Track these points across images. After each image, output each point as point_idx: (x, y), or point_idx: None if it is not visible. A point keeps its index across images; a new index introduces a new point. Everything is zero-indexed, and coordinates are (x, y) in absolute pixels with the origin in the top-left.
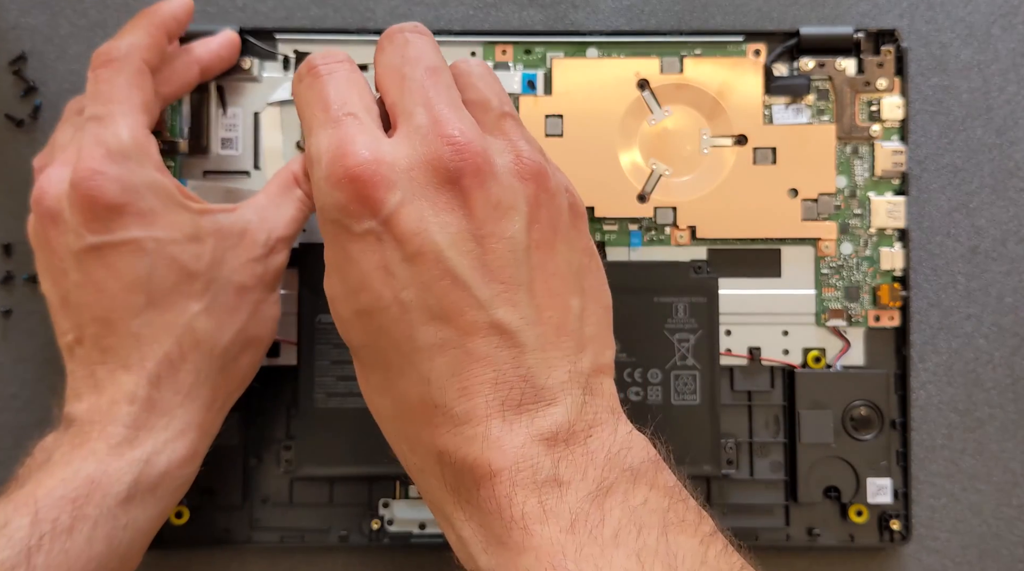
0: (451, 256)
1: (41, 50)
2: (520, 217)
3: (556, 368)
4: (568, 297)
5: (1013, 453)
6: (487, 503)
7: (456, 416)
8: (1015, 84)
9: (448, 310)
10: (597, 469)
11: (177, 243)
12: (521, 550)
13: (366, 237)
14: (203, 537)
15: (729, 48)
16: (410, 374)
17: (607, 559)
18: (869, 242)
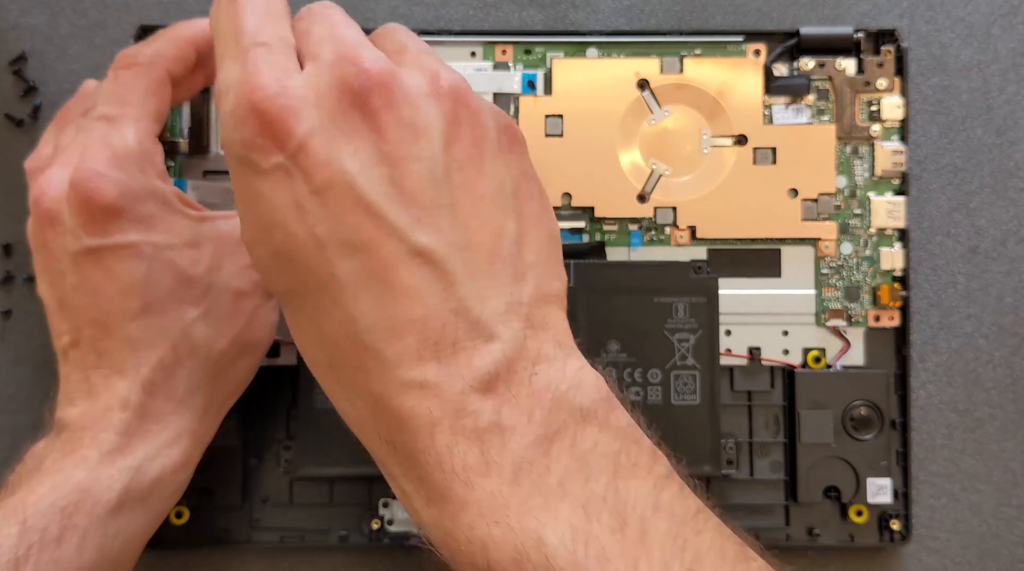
0: (362, 183)
1: (41, 50)
2: (437, 135)
3: (491, 298)
4: (501, 221)
5: (1013, 453)
6: (426, 455)
7: (388, 359)
8: (1015, 84)
9: (366, 241)
10: (543, 411)
11: (174, 248)
12: (463, 505)
13: (274, 173)
14: (203, 537)
15: (729, 48)
16: (336, 314)
17: (552, 511)
18: (869, 242)
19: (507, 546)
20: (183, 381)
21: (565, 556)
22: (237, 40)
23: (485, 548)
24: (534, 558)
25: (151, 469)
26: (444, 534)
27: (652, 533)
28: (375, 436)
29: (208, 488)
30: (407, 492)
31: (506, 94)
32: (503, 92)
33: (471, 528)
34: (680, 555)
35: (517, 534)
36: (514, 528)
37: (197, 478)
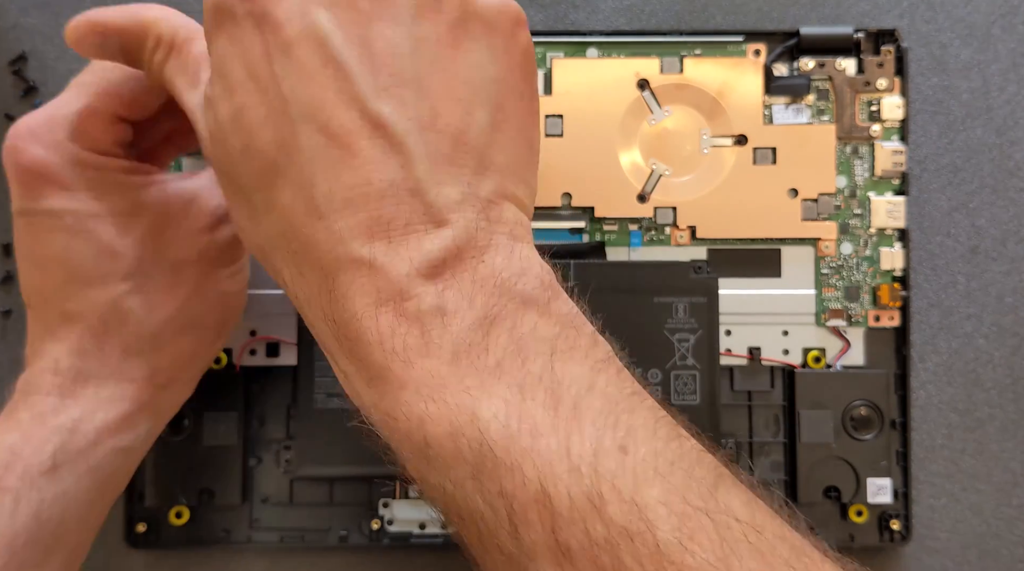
0: (335, 42)
1: (41, 50)
2: (413, 3)
3: (448, 185)
4: (473, 107)
5: (1013, 453)
6: (368, 334)
7: (340, 231)
8: (1015, 84)
9: (330, 103)
10: (485, 296)
11: (101, 219)
12: (402, 383)
13: (245, 21)
14: (203, 537)
15: (729, 48)
16: (294, 179)
17: (487, 389)
18: (869, 242)
19: (443, 421)
20: (115, 348)
21: (498, 430)
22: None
23: (422, 424)
24: (468, 432)
25: (86, 429)
26: (383, 413)
27: (586, 410)
28: (320, 314)
29: (208, 488)
30: (348, 373)
31: None
32: None
33: (409, 405)
34: (612, 431)
35: (453, 410)
36: (450, 404)
37: (197, 478)
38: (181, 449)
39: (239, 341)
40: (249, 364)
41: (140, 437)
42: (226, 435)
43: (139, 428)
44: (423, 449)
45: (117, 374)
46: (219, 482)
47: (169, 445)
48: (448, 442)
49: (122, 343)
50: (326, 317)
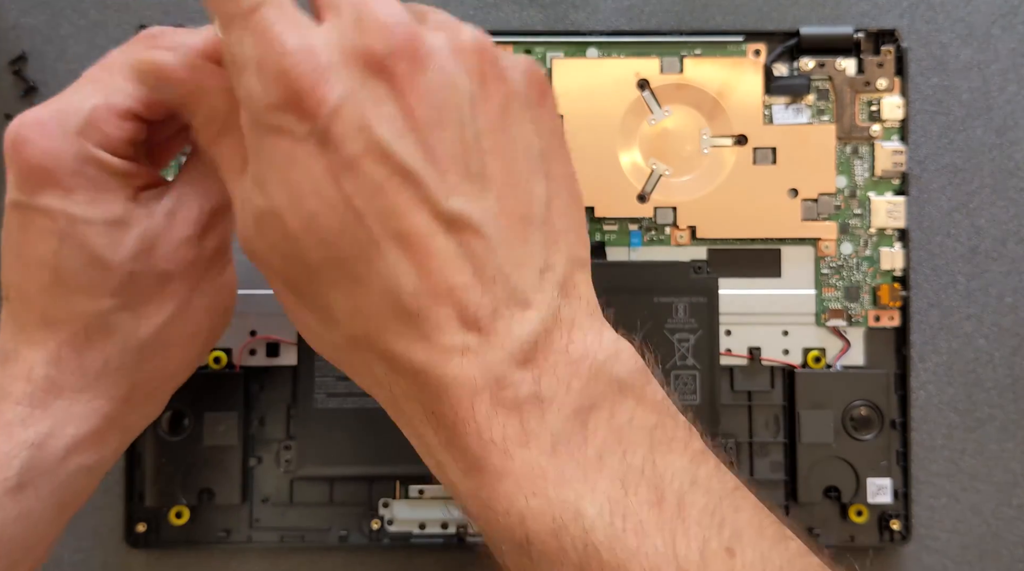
0: (398, 150)
1: (41, 50)
2: (467, 99)
3: (527, 266)
4: (531, 184)
5: (1013, 453)
6: (465, 425)
7: (432, 326)
8: (1015, 84)
9: (404, 210)
10: (581, 382)
11: (93, 226)
12: (500, 475)
13: (308, 141)
14: (203, 537)
15: (729, 48)
16: (377, 283)
17: (590, 484)
18: (869, 242)
19: (545, 517)
20: (95, 361)
21: (603, 529)
22: (236, 1)
23: (523, 519)
24: (572, 530)
25: (55, 446)
26: (481, 505)
27: (690, 508)
28: (417, 409)
29: (208, 488)
30: (443, 463)
31: None
32: None
33: (509, 499)
34: (718, 531)
35: (555, 506)
36: (552, 499)
37: (197, 478)
38: (181, 449)
39: (239, 341)
40: (249, 364)
41: (107, 456)
42: (226, 435)
43: (107, 446)
44: (524, 546)
45: (93, 388)
46: (219, 482)
47: (169, 445)
48: (551, 540)
49: (103, 357)
50: (424, 410)
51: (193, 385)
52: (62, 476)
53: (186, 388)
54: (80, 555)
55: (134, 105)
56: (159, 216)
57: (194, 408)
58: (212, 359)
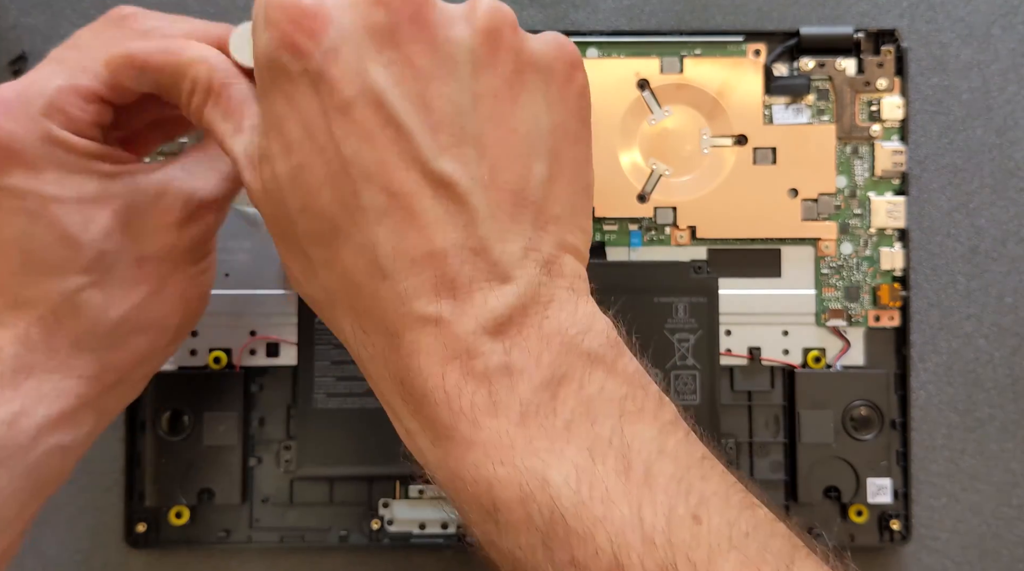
0: (393, 101)
1: (41, 50)
2: (470, 59)
3: (511, 242)
4: (530, 160)
5: (1013, 453)
6: (435, 393)
7: (405, 291)
8: (1015, 84)
9: (392, 164)
10: (552, 354)
11: (65, 204)
12: (469, 444)
13: (300, 79)
14: (203, 537)
15: (729, 48)
16: (356, 239)
17: (557, 453)
18: (869, 242)
19: (512, 485)
20: (65, 341)
21: (569, 496)
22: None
23: (490, 487)
24: (539, 498)
25: (26, 425)
26: (449, 473)
27: (657, 476)
28: (384, 372)
29: (208, 488)
30: (412, 431)
31: None
32: None
33: (476, 467)
34: (685, 498)
35: (522, 474)
36: (519, 468)
37: (197, 478)
38: (181, 449)
39: (239, 341)
40: (249, 364)
41: (81, 436)
42: (226, 435)
43: (81, 427)
44: (491, 513)
45: (64, 368)
46: (219, 482)
47: (169, 445)
48: (518, 507)
49: (73, 337)
50: (392, 375)
51: (193, 385)
52: (35, 455)
53: (186, 388)
54: (80, 555)
55: (99, 87)
56: (143, 196)
57: (194, 408)
58: (212, 359)
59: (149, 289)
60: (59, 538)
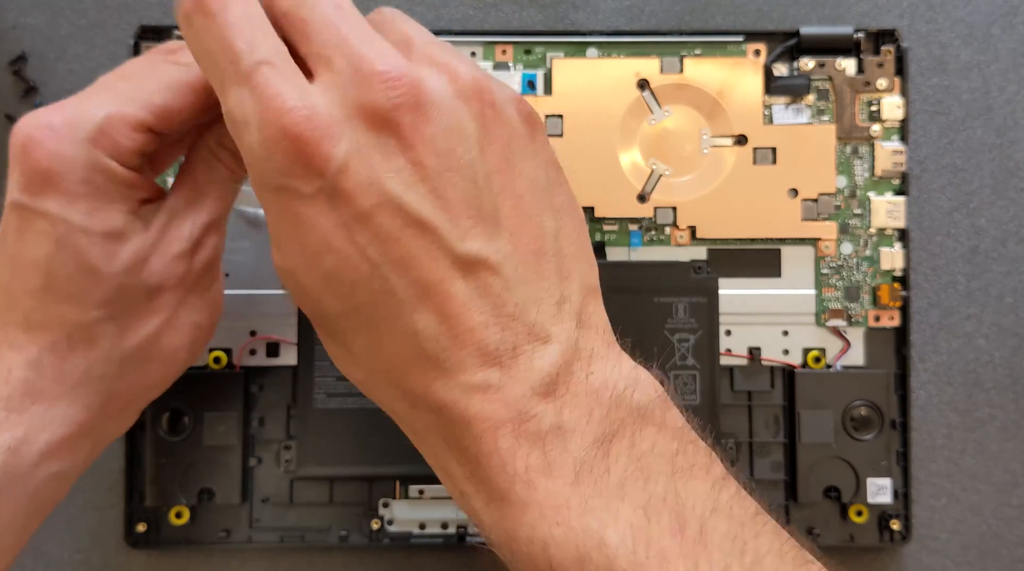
0: (410, 201)
1: (41, 50)
2: (472, 142)
3: (544, 301)
4: (541, 217)
5: (1013, 453)
6: (488, 458)
7: (452, 367)
8: (1015, 84)
9: (420, 257)
10: (602, 411)
11: (90, 235)
12: (524, 506)
13: (316, 198)
14: (203, 537)
15: (729, 48)
16: (397, 329)
17: (612, 512)
18: (869, 242)
19: (569, 546)
20: (76, 369)
21: (626, 557)
22: (234, 62)
23: (546, 548)
24: (596, 559)
25: (29, 452)
26: (505, 534)
27: (712, 534)
28: (437, 442)
29: (208, 488)
30: (467, 493)
31: None
32: None
33: (532, 528)
34: (740, 557)
35: (579, 534)
36: (575, 528)
37: (197, 478)
38: (181, 449)
39: (239, 341)
40: (249, 364)
41: (78, 463)
42: (226, 435)
43: (79, 454)
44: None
45: (70, 395)
46: (219, 482)
47: (169, 445)
48: (575, 568)
49: (84, 365)
50: (445, 443)
51: (193, 385)
52: (34, 482)
53: (186, 388)
54: (80, 555)
55: (147, 117)
56: (154, 230)
57: (194, 408)
58: (212, 359)
59: (162, 320)
60: (59, 538)
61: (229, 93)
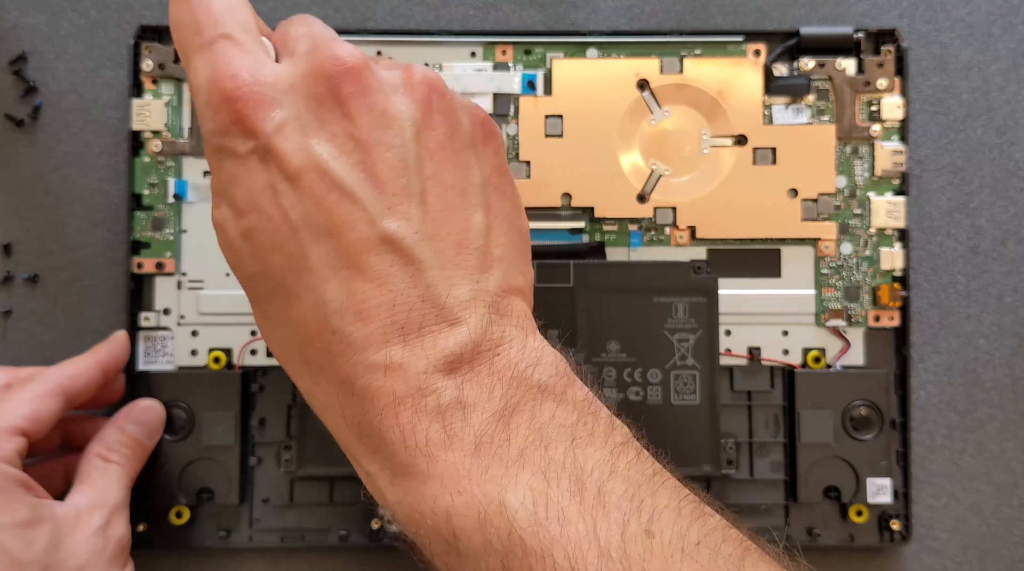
0: (336, 168)
1: (41, 50)
2: (410, 124)
3: (457, 286)
4: (469, 212)
5: (1013, 453)
6: (390, 433)
7: (355, 342)
8: (1015, 84)
9: (338, 226)
10: (503, 387)
11: (7, 530)
12: (426, 478)
13: (249, 158)
14: (203, 537)
15: (729, 48)
16: (306, 297)
17: (512, 478)
18: (869, 242)
19: (470, 512)
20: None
21: (526, 517)
22: (199, 33)
23: (449, 516)
24: (496, 521)
25: None
26: (409, 508)
27: (610, 495)
28: (340, 419)
29: (208, 488)
30: (371, 473)
31: (506, 94)
32: (503, 92)
33: (435, 499)
34: (637, 514)
35: (479, 500)
36: (476, 495)
37: (197, 478)
38: (181, 449)
39: (239, 341)
40: (249, 364)
41: None
42: (225, 435)
43: None
44: (452, 542)
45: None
46: (219, 482)
47: (168, 445)
48: (477, 533)
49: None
50: (347, 422)
51: (192, 385)
52: None
53: (186, 388)
54: None
55: (21, 422)
56: (67, 511)
57: (194, 408)
58: (212, 359)
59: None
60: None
61: (191, 63)
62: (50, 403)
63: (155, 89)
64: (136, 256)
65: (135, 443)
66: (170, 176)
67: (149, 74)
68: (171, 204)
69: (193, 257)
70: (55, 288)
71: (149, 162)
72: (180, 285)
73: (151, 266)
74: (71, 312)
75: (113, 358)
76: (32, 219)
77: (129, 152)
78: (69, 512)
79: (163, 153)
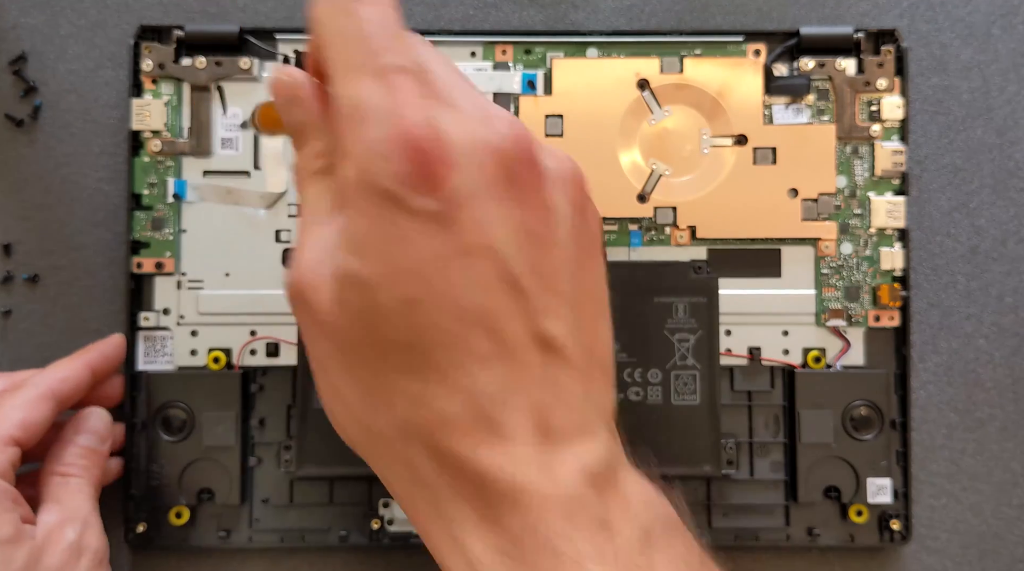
0: (511, 257)
1: (41, 50)
2: (568, 223)
3: (592, 401)
4: (597, 323)
5: (1013, 453)
6: (534, 536)
7: (507, 433)
8: (1015, 84)
9: (506, 317)
10: (638, 515)
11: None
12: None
13: (423, 217)
14: (203, 538)
15: (729, 48)
16: (457, 379)
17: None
18: (869, 242)
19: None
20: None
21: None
22: (372, 54)
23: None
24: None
25: None
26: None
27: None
28: (466, 509)
29: (208, 488)
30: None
31: (506, 94)
32: (503, 92)
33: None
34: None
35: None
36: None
37: (197, 478)
38: (180, 449)
39: (239, 341)
40: (249, 364)
41: None
42: (225, 435)
43: None
44: None
45: None
46: (219, 482)
47: (168, 445)
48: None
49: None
50: (478, 516)
51: (192, 385)
52: None
53: (185, 388)
54: None
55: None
56: (41, 531)
57: (193, 408)
58: (212, 359)
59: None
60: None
61: (359, 81)
62: (42, 408)
63: (155, 89)
64: (136, 256)
65: (90, 452)
66: (170, 176)
67: (149, 74)
68: (171, 204)
69: (193, 257)
70: (55, 288)
71: (149, 162)
72: (180, 285)
73: (151, 266)
74: (71, 312)
75: (104, 359)
76: (32, 219)
77: (129, 152)
78: (42, 531)
79: (163, 153)
